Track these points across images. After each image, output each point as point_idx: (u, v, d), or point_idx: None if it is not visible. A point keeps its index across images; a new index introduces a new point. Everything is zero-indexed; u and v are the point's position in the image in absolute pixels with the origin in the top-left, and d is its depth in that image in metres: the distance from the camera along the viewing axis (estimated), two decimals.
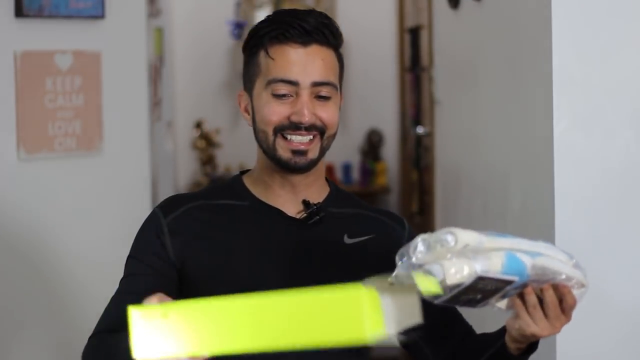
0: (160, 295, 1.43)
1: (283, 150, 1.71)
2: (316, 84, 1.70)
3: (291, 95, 1.70)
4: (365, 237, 1.78)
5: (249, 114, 1.77)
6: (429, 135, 4.54)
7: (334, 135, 1.74)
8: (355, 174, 5.85)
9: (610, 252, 2.20)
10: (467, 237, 1.45)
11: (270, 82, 1.70)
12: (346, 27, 6.14)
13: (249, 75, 1.76)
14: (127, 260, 1.78)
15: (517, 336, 1.60)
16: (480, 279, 1.42)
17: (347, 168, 5.81)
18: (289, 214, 1.75)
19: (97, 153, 3.10)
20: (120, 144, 3.16)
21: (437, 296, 1.43)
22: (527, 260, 1.47)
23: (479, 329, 1.96)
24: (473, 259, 1.42)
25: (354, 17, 5.79)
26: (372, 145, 5.82)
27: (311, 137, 1.70)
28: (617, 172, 2.20)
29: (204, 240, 1.73)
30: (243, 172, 1.84)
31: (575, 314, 2.20)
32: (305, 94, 1.69)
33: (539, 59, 2.28)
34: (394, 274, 1.44)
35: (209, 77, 5.70)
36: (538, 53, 2.29)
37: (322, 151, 1.73)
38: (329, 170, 5.73)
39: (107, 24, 3.11)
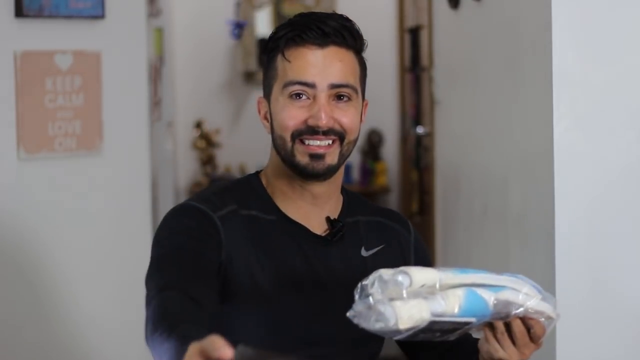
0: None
1: (301, 155, 1.65)
2: (334, 86, 1.65)
3: (308, 98, 1.65)
4: (379, 248, 1.76)
5: (267, 121, 1.71)
6: (429, 135, 4.54)
7: (354, 142, 1.69)
8: (355, 174, 5.85)
9: (610, 252, 2.20)
10: (423, 277, 1.41)
11: (286, 85, 1.65)
12: None
13: (268, 80, 1.71)
14: (168, 237, 1.63)
15: (487, 358, 1.57)
16: (435, 322, 1.40)
17: (347, 168, 5.80)
18: (314, 232, 1.70)
19: (97, 153, 3.10)
20: (120, 144, 3.16)
21: (395, 333, 1.41)
22: (489, 297, 1.44)
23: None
24: (429, 299, 1.39)
25: (354, 17, 5.74)
26: (372, 145, 5.82)
27: (330, 141, 1.65)
28: (617, 172, 2.20)
29: (249, 250, 1.65)
30: (257, 172, 1.76)
31: (574, 313, 2.20)
32: (322, 97, 1.64)
33: (539, 59, 2.28)
34: (352, 309, 1.41)
35: (209, 77, 5.70)
36: (538, 53, 2.29)
37: (342, 157, 1.68)
38: None
39: (107, 24, 3.11)
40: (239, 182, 1.76)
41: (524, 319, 1.50)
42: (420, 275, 1.41)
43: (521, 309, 1.47)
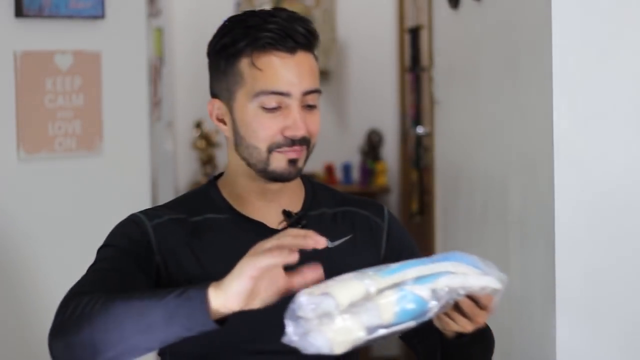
0: None
1: (278, 162, 1.64)
2: (306, 93, 1.65)
3: (280, 107, 1.63)
4: (347, 238, 1.72)
5: (224, 124, 1.70)
6: (429, 135, 4.54)
7: (315, 144, 1.70)
8: (355, 174, 5.85)
9: (610, 252, 2.20)
10: (348, 295, 1.35)
11: (258, 94, 1.62)
12: (346, 27, 6.18)
13: (226, 84, 1.68)
14: (100, 250, 1.68)
15: (447, 332, 1.57)
16: (373, 337, 1.36)
17: (347, 168, 5.80)
18: (270, 226, 1.69)
19: (97, 153, 3.10)
20: (120, 144, 3.16)
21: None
22: (426, 291, 1.39)
23: None
24: (362, 313, 1.34)
25: (354, 17, 5.79)
26: (372, 145, 5.82)
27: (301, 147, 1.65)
28: (617, 172, 2.20)
29: (186, 254, 1.66)
30: (217, 177, 1.77)
31: (574, 313, 2.20)
32: (295, 105, 1.63)
33: (539, 59, 2.28)
34: (286, 334, 1.36)
35: (208, 77, 5.70)
36: (538, 53, 2.29)
37: (306, 161, 1.69)
38: (329, 170, 5.73)
39: (107, 24, 3.11)
40: (195, 190, 1.79)
41: (469, 296, 1.47)
42: (345, 294, 1.35)
43: (462, 292, 1.43)
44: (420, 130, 4.87)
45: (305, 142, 1.65)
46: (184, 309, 1.38)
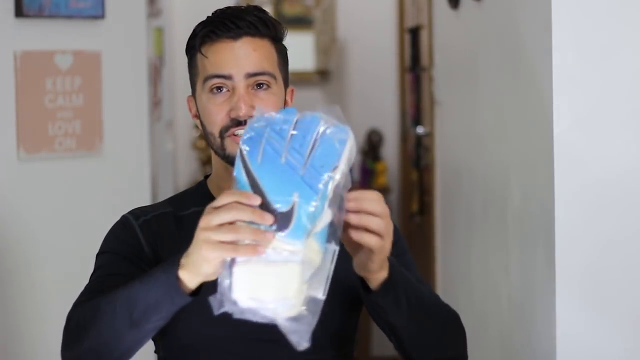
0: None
1: (231, 147, 1.71)
2: (250, 75, 1.71)
3: (228, 91, 1.71)
4: None
5: (198, 119, 1.78)
6: (429, 135, 4.54)
7: None
8: (355, 174, 5.85)
9: (611, 252, 2.20)
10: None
11: (206, 80, 1.72)
12: (346, 26, 6.17)
13: (192, 78, 1.78)
14: (97, 257, 1.77)
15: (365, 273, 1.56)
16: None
17: None
18: None
19: (97, 153, 3.10)
20: (120, 144, 3.16)
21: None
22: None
23: (479, 326, 1.96)
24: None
25: (354, 16, 5.79)
26: (372, 145, 5.82)
27: None
28: (617, 172, 2.20)
29: (170, 246, 1.73)
30: (207, 176, 1.85)
31: (574, 313, 2.20)
32: (240, 87, 1.70)
33: (539, 59, 2.27)
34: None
35: None
36: (538, 53, 2.29)
37: None
38: None
39: (107, 24, 3.11)
40: (188, 188, 1.88)
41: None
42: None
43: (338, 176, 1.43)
44: (420, 130, 4.87)
45: None
46: (161, 293, 1.48)
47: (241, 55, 1.71)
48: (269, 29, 1.75)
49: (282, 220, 1.38)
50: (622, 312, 2.20)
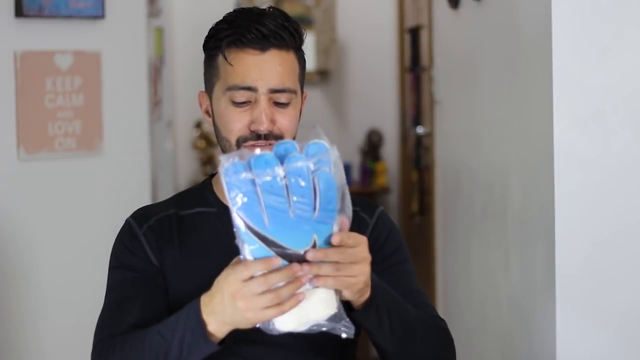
0: None
1: None
2: (274, 91, 1.70)
3: (250, 102, 1.70)
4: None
5: (209, 116, 1.79)
6: (429, 135, 4.54)
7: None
8: (355, 174, 5.84)
9: (611, 252, 2.20)
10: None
11: (229, 89, 1.71)
12: (346, 27, 6.16)
13: (209, 77, 1.77)
14: (109, 273, 1.78)
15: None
16: None
17: (347, 168, 5.80)
18: None
19: (97, 153, 3.10)
20: (120, 144, 3.16)
21: None
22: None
23: (479, 326, 1.96)
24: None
25: (354, 17, 5.79)
26: (372, 145, 5.81)
27: (270, 144, 1.69)
28: (617, 172, 2.20)
29: (175, 248, 1.75)
30: (212, 175, 1.84)
31: (574, 313, 2.20)
32: (263, 100, 1.69)
33: (539, 59, 2.27)
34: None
35: None
36: (538, 53, 2.29)
37: None
38: None
39: (107, 24, 3.11)
40: (192, 187, 1.89)
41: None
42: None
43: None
44: (420, 130, 4.87)
45: (273, 137, 1.70)
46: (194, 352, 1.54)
47: (267, 69, 1.70)
48: (295, 40, 1.73)
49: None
50: (622, 311, 2.20)
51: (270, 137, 1.70)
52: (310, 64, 5.94)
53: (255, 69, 1.69)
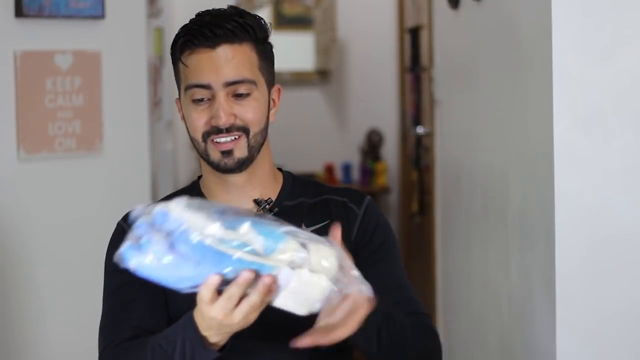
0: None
1: (214, 153, 1.74)
2: (229, 84, 1.72)
3: (209, 99, 1.73)
4: (322, 224, 1.78)
5: (184, 120, 1.81)
6: (429, 135, 4.54)
7: (262, 131, 1.76)
8: (355, 174, 5.85)
9: (610, 252, 2.20)
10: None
11: (187, 89, 1.75)
12: (346, 27, 6.17)
13: (177, 82, 1.80)
14: (106, 278, 1.79)
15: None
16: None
17: (347, 168, 5.81)
18: None
19: (97, 153, 3.10)
20: (120, 144, 3.16)
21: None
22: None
23: (479, 326, 1.96)
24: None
25: (354, 17, 5.79)
26: (372, 145, 5.82)
27: (234, 137, 1.73)
28: (617, 172, 2.20)
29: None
30: (200, 176, 1.86)
31: (574, 313, 2.20)
32: (220, 96, 1.72)
33: (539, 59, 2.28)
34: None
35: None
36: (538, 53, 2.29)
37: (252, 149, 1.75)
38: (329, 170, 5.73)
39: (107, 24, 3.11)
40: (182, 188, 1.90)
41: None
42: None
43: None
44: (420, 130, 4.87)
45: (237, 129, 1.73)
46: None
47: (219, 64, 1.72)
48: (248, 33, 1.74)
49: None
50: (622, 311, 2.20)
51: (232, 130, 1.73)
52: (310, 64, 5.96)
53: (207, 66, 1.72)
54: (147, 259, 1.43)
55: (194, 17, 1.79)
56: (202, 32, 1.72)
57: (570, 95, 2.19)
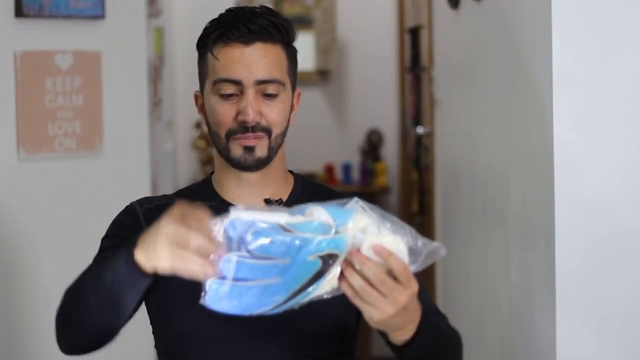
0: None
1: (236, 149, 1.74)
2: (260, 82, 1.72)
3: (237, 95, 1.73)
4: None
5: (204, 114, 1.81)
6: (429, 135, 4.54)
7: (282, 134, 1.77)
8: (355, 174, 5.85)
9: (610, 252, 2.20)
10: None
11: (215, 83, 1.74)
12: (346, 27, 6.17)
13: (201, 75, 1.80)
14: (102, 241, 1.82)
15: (381, 331, 1.58)
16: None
17: (347, 168, 5.80)
18: None
19: (97, 153, 3.10)
20: (120, 144, 3.16)
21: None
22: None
23: (479, 326, 1.95)
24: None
25: (354, 17, 5.79)
26: (372, 145, 5.82)
27: (258, 136, 1.74)
28: (617, 172, 2.20)
29: None
30: (212, 173, 1.87)
31: (574, 313, 2.20)
32: (249, 93, 1.72)
33: (539, 59, 2.28)
34: None
35: None
36: (538, 53, 2.29)
37: (271, 150, 1.76)
38: (329, 170, 5.73)
39: (107, 24, 3.11)
40: (193, 184, 1.93)
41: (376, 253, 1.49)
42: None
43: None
44: (420, 130, 4.87)
45: (261, 129, 1.74)
46: (123, 271, 1.53)
47: (252, 61, 1.72)
48: (281, 34, 1.75)
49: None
50: (622, 311, 2.20)
51: (257, 129, 1.73)
52: (310, 64, 5.96)
53: (240, 62, 1.72)
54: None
55: (224, 11, 1.79)
56: (237, 27, 1.72)
57: (570, 95, 2.19)
